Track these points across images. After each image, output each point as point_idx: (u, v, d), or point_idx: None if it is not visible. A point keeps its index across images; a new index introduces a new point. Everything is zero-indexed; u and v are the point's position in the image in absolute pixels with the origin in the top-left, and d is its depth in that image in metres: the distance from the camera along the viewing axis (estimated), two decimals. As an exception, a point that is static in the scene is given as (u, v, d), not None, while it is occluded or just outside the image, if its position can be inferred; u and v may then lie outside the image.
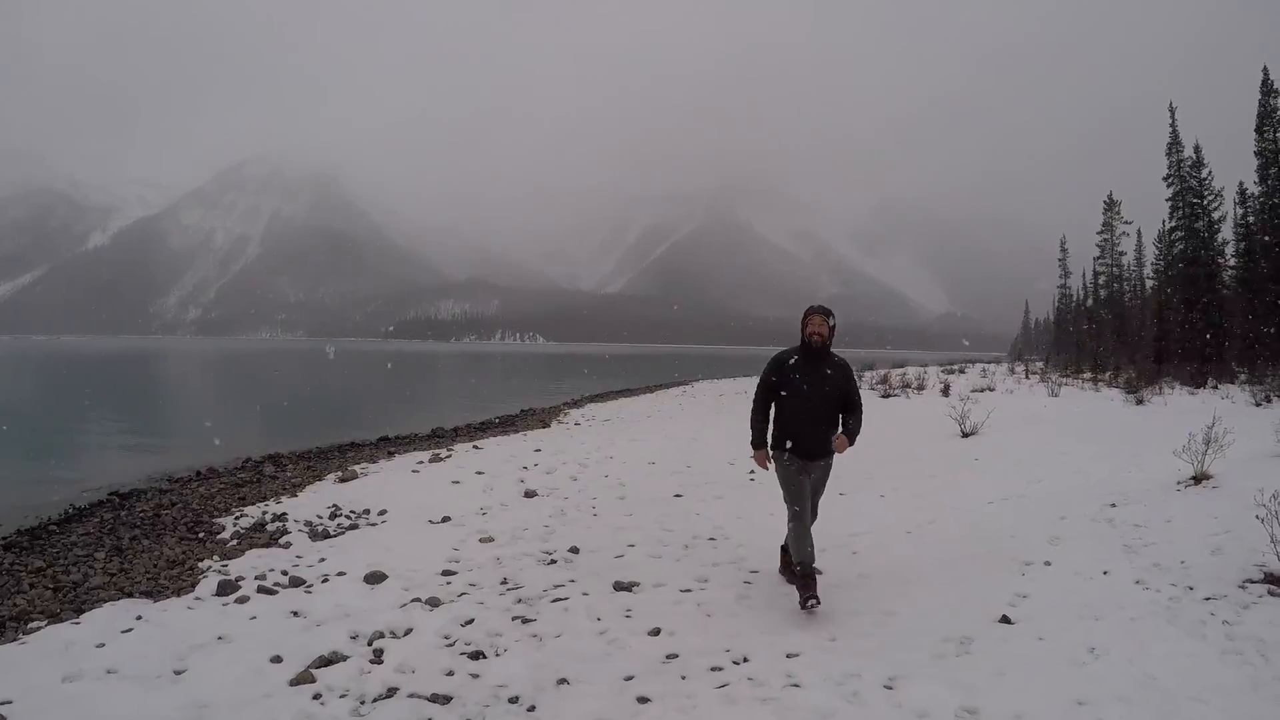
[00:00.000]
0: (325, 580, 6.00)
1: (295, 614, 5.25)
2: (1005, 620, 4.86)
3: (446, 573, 6.14)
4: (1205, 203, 32.97)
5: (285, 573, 6.22)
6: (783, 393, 5.54)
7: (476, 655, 4.53)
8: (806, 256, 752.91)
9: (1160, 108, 34.85)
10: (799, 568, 5.33)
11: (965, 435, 13.05)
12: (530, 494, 9.26)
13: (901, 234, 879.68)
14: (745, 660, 4.40)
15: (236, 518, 8.54)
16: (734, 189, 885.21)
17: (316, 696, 4.06)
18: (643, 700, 3.96)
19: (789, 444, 5.46)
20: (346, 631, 4.87)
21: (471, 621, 5.04)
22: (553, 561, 6.47)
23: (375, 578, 5.95)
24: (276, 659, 4.47)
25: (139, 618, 5.16)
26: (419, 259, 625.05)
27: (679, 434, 15.31)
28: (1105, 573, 5.66)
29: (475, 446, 13.81)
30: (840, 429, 5.59)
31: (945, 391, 22.54)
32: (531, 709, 3.91)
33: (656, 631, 4.85)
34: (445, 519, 8.05)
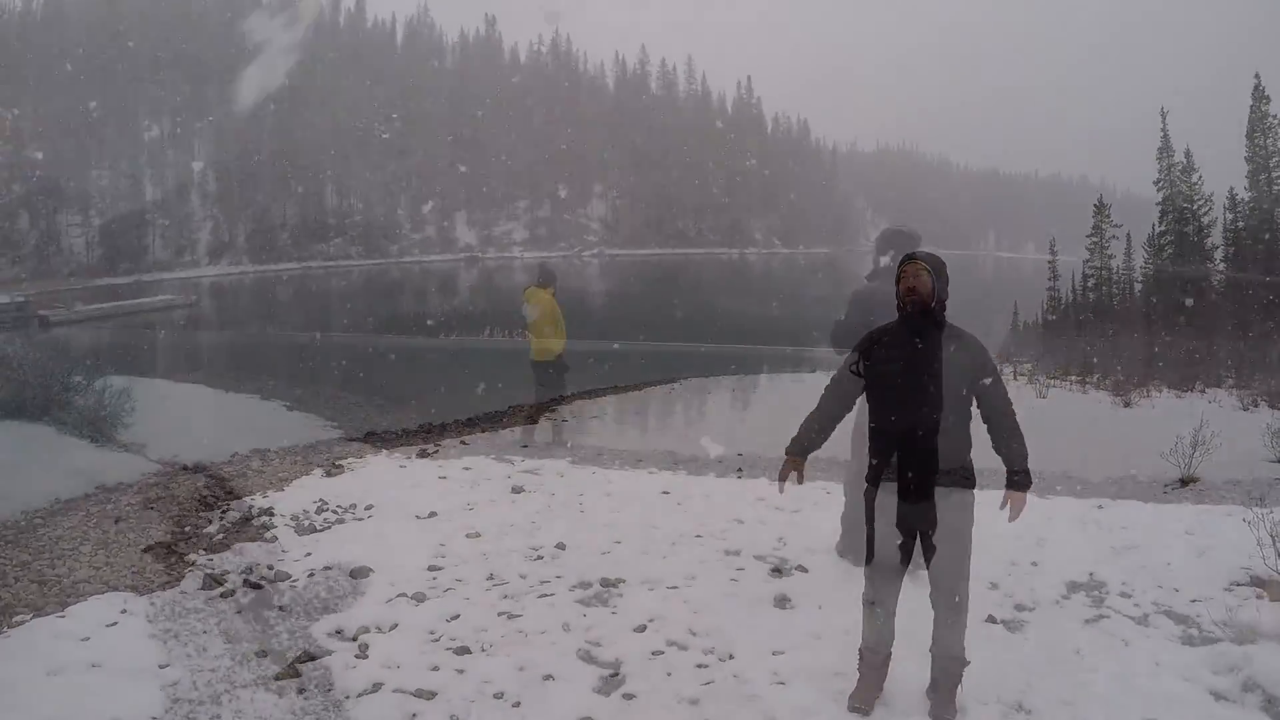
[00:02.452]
0: (311, 574, 5.97)
1: (280, 608, 5.23)
2: (991, 620, 4.89)
3: (432, 568, 6.11)
4: (1195, 207, 33.18)
5: (271, 566, 6.17)
6: (872, 384, 3.67)
7: (462, 651, 4.52)
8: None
9: (1153, 117, 35.05)
10: (862, 650, 3.88)
11: (954, 436, 13.06)
12: (517, 489, 9.21)
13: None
14: (731, 657, 4.40)
15: (223, 511, 8.47)
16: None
17: (301, 691, 4.04)
18: (628, 697, 3.96)
19: (875, 466, 3.69)
20: (331, 626, 4.86)
21: (457, 617, 5.02)
22: (539, 557, 6.44)
23: (360, 572, 5.92)
24: (261, 653, 4.45)
25: (124, 611, 5.12)
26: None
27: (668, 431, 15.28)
28: (1091, 574, 5.70)
29: (463, 442, 13.72)
30: (1005, 460, 3.77)
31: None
32: (517, 704, 3.91)
33: (642, 628, 4.84)
34: (432, 514, 7.99)
